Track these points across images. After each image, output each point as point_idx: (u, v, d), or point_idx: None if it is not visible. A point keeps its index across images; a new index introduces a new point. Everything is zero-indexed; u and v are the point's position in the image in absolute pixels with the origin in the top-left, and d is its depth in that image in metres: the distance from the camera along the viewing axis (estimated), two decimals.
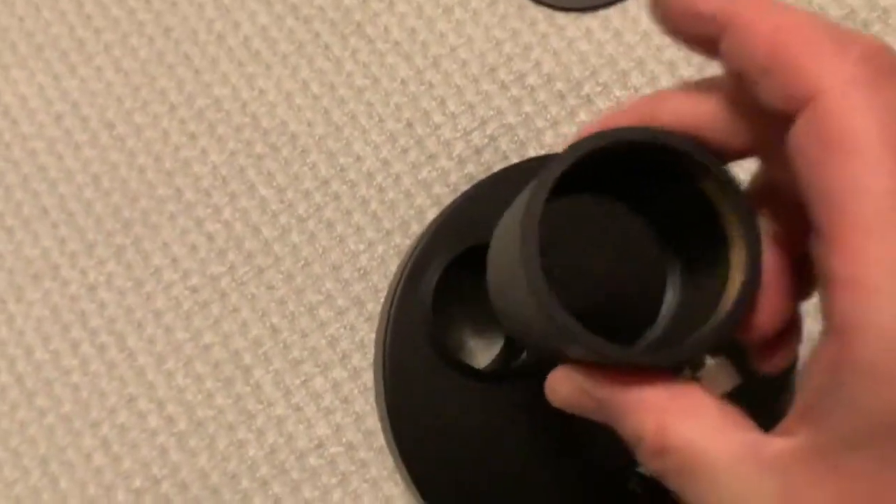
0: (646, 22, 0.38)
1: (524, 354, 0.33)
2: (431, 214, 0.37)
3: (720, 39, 0.19)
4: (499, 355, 0.36)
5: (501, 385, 0.31)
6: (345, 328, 0.37)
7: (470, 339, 0.37)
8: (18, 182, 0.40)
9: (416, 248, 0.32)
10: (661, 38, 0.38)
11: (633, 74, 0.38)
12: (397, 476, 0.35)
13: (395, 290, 0.32)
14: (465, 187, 0.37)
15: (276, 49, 0.40)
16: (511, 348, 0.35)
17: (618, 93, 0.38)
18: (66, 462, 0.37)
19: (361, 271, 0.37)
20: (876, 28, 0.37)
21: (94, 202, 0.39)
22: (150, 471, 0.37)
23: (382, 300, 0.37)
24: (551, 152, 0.37)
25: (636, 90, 0.38)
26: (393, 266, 0.37)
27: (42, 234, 0.39)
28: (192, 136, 0.39)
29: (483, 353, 0.37)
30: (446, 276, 0.33)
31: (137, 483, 0.37)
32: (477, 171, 0.38)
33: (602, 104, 0.38)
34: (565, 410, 0.22)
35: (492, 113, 0.38)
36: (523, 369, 0.32)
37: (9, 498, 0.37)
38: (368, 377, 0.37)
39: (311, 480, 0.36)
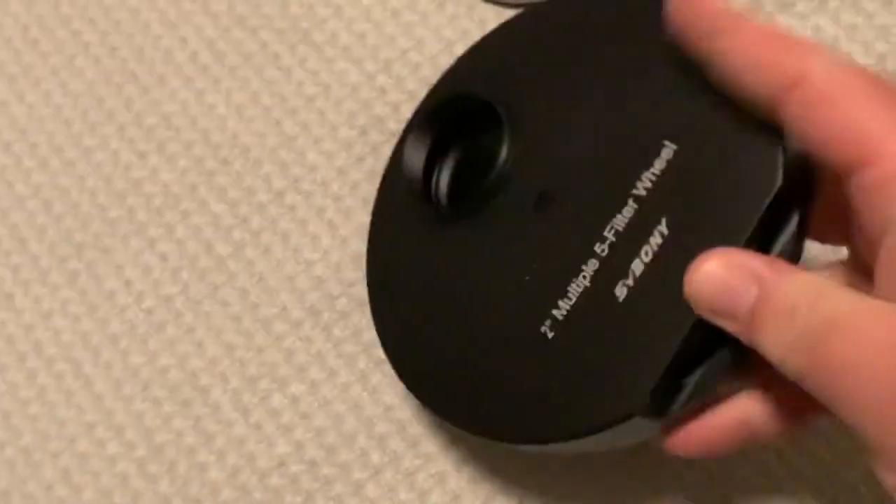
0: None
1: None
2: None
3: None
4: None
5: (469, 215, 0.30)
6: (300, 340, 0.36)
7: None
8: None
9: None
10: None
11: None
12: (364, 490, 0.34)
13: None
14: None
15: (224, 62, 0.39)
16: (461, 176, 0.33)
17: None
18: (27, 495, 0.36)
19: (317, 280, 0.36)
20: None
21: (46, 228, 0.39)
22: (111, 499, 0.36)
23: (339, 308, 0.36)
24: None
25: None
26: (348, 272, 0.36)
27: None
28: (143, 156, 0.39)
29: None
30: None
31: None
32: None
33: None
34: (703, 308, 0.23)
35: None
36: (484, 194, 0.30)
37: None
38: (327, 390, 0.35)
39: (276, 500, 0.35)
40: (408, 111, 0.37)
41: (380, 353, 0.35)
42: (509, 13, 0.38)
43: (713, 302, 0.23)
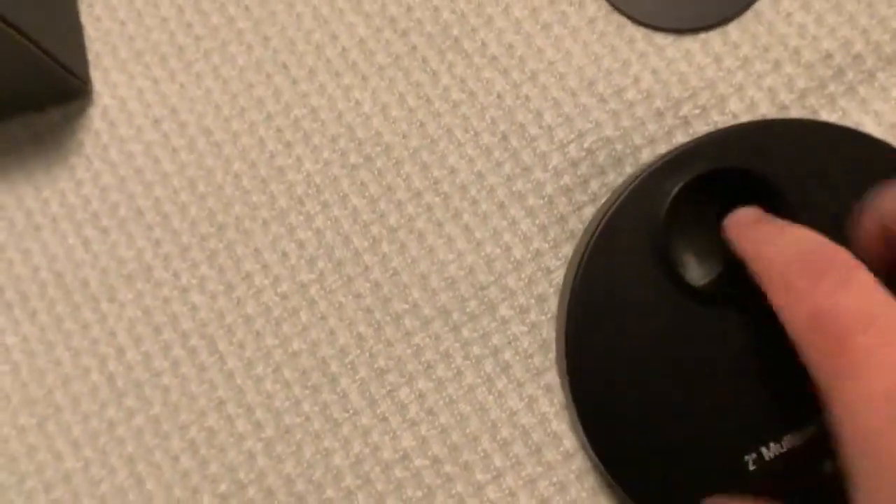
0: (746, 47, 0.38)
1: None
2: (525, 225, 0.37)
3: None
4: (716, 279, 0.34)
5: (719, 308, 0.31)
6: (429, 337, 0.37)
7: (688, 266, 0.35)
8: (115, 184, 0.41)
9: (638, 175, 0.33)
10: (761, 65, 0.37)
11: (732, 100, 0.37)
12: (484, 491, 0.35)
13: (613, 203, 0.32)
14: (560, 199, 0.37)
15: (372, 61, 0.40)
16: (729, 273, 0.34)
17: (716, 117, 0.37)
18: (153, 463, 0.38)
19: (449, 280, 0.37)
20: None
21: (188, 206, 0.40)
22: (236, 475, 0.37)
23: (469, 310, 0.37)
24: None
25: (734, 116, 0.37)
26: (481, 275, 0.37)
27: (136, 235, 0.40)
28: (288, 145, 0.40)
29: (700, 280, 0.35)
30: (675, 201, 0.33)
31: (223, 487, 0.37)
32: (573, 182, 0.37)
33: (699, 127, 0.37)
34: None
35: (590, 125, 0.38)
36: (738, 293, 0.31)
37: (94, 497, 0.38)
38: (452, 389, 0.36)
39: (396, 493, 0.36)
40: (550, 118, 0.38)
41: (506, 357, 0.36)
42: (659, 36, 0.38)
43: None
